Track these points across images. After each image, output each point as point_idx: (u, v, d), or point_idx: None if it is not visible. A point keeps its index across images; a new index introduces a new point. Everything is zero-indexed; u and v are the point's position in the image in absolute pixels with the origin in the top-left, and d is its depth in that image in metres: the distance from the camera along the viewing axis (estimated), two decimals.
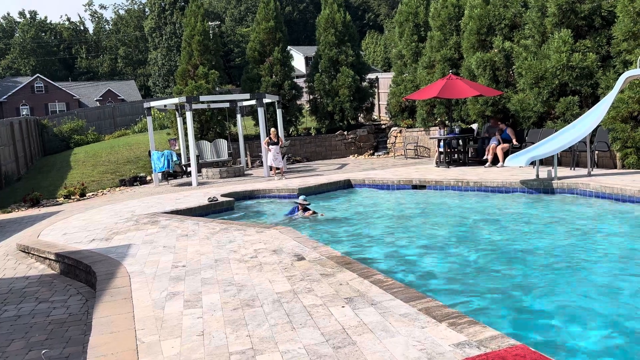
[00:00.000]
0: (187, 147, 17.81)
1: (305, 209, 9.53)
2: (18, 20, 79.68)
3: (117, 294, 4.87)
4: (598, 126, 10.78)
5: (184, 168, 17.90)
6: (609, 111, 10.57)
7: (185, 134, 17.68)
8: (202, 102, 17.93)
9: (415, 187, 11.85)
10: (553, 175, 10.25)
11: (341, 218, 9.45)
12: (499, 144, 13.69)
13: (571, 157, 11.75)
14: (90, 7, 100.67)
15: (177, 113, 18.39)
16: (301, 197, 9.79)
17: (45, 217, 11.82)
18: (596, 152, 11.77)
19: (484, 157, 14.08)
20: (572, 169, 11.54)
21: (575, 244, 6.79)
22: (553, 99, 12.84)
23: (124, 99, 55.99)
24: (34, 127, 26.18)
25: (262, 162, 17.91)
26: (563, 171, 11.19)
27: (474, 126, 15.55)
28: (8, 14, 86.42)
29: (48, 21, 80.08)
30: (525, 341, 3.56)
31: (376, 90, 24.10)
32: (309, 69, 23.82)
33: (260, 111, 16.32)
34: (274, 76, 21.29)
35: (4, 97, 54.50)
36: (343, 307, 4.05)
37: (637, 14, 10.98)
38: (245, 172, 17.73)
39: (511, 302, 4.86)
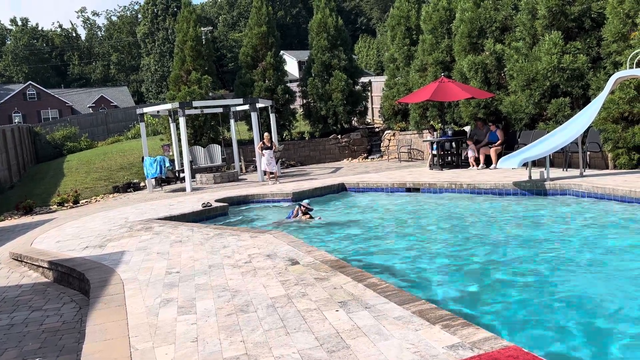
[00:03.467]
0: (180, 152, 17.78)
1: (305, 212, 9.55)
2: (9, 27, 79.42)
3: (110, 302, 4.85)
4: (589, 127, 10.85)
5: (178, 174, 17.86)
6: (600, 112, 10.64)
7: (179, 140, 17.65)
8: (195, 108, 17.92)
9: (409, 189, 11.88)
10: (545, 177, 10.30)
11: (335, 222, 9.46)
12: (482, 147, 13.79)
13: (563, 158, 11.82)
14: (83, 14, 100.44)
15: (170, 119, 18.37)
16: (305, 201, 9.85)
17: (39, 224, 11.77)
18: (588, 153, 11.85)
19: (476, 165, 14.02)
20: (565, 170, 11.60)
21: (568, 244, 6.83)
22: (544, 101, 12.92)
23: (117, 105, 55.85)
24: (26, 134, 26.07)
25: (256, 167, 17.89)
26: (555, 172, 11.24)
27: (467, 128, 15.61)
28: None
29: (40, 28, 79.86)
30: (519, 342, 3.57)
31: (369, 93, 24.17)
32: (302, 73, 23.89)
33: (254, 116, 16.33)
34: (267, 81, 21.31)
35: None
36: (337, 311, 4.06)
37: (626, 16, 11.08)
38: (239, 177, 17.71)
39: (504, 303, 4.88)
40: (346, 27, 22.73)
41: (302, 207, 9.63)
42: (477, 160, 13.92)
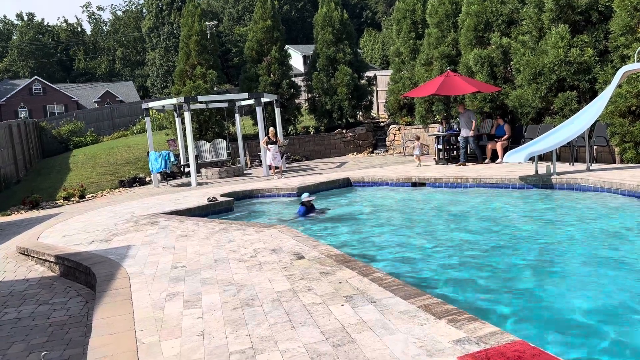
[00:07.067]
0: (185, 147, 17.81)
1: (312, 207, 9.53)
2: (16, 22, 79.62)
3: (116, 295, 4.87)
4: (596, 121, 10.78)
5: (183, 168, 17.90)
6: (607, 106, 10.57)
7: (184, 135, 17.68)
8: (201, 102, 17.93)
9: (414, 184, 11.85)
10: (552, 171, 10.25)
11: (341, 216, 9.46)
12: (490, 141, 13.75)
13: (570, 152, 11.75)
14: (88, 9, 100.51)
15: (175, 113, 18.38)
16: (304, 195, 9.63)
17: (45, 219, 11.82)
18: (595, 147, 11.78)
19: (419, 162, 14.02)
20: (571, 164, 11.55)
21: (575, 238, 6.80)
22: (551, 95, 12.84)
23: (123, 100, 55.92)
24: (32, 129, 26.16)
25: (261, 162, 17.90)
26: (562, 166, 11.19)
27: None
28: (5, 16, 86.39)
29: (45, 23, 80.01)
30: (525, 337, 3.56)
31: (374, 88, 24.10)
32: (307, 67, 23.84)
33: (259, 110, 16.32)
34: (272, 75, 21.28)
35: (2, 99, 54.45)
36: (342, 305, 4.06)
37: (634, 9, 10.97)
38: (245, 172, 17.73)
39: (510, 298, 4.86)
40: (351, 21, 22.63)
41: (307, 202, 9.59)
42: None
